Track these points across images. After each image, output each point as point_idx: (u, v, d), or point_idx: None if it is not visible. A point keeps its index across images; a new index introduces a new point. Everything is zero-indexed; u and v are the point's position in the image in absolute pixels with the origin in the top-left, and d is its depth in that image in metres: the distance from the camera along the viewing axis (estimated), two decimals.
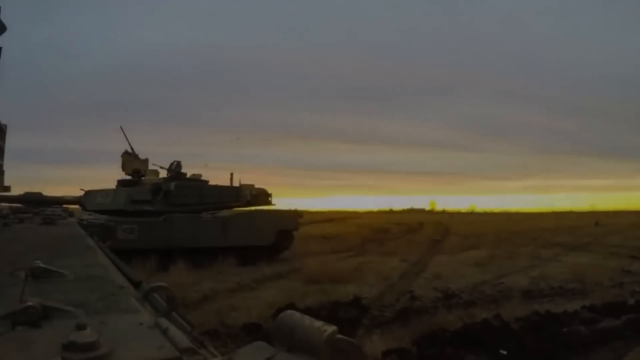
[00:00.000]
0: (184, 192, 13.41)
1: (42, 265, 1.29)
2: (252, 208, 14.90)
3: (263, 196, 15.81)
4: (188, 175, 14.51)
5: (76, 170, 77.17)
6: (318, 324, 0.73)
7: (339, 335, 0.72)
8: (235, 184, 15.32)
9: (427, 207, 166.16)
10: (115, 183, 14.02)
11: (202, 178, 14.77)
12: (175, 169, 14.16)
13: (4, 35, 3.57)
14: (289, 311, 0.80)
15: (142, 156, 14.90)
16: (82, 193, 12.79)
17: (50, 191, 13.24)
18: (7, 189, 4.51)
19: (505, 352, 4.95)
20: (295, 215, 15.25)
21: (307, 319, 0.75)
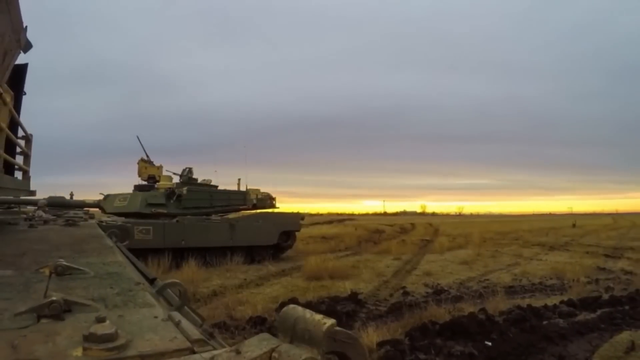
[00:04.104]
0: (195, 196, 13.41)
1: (65, 263, 1.29)
2: (258, 210, 14.89)
3: (268, 200, 15.82)
4: (199, 181, 14.52)
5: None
6: (318, 317, 0.73)
7: (338, 328, 0.72)
8: (242, 188, 15.35)
9: (419, 210, 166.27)
10: (132, 188, 14.04)
11: (212, 183, 14.79)
12: (187, 175, 14.17)
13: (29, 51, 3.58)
14: (292, 305, 0.80)
15: (156, 163, 14.95)
16: (101, 197, 12.78)
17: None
18: (33, 193, 4.50)
19: (490, 343, 4.93)
20: (297, 217, 15.24)
21: (308, 313, 0.75)
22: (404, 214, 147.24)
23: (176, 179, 14.22)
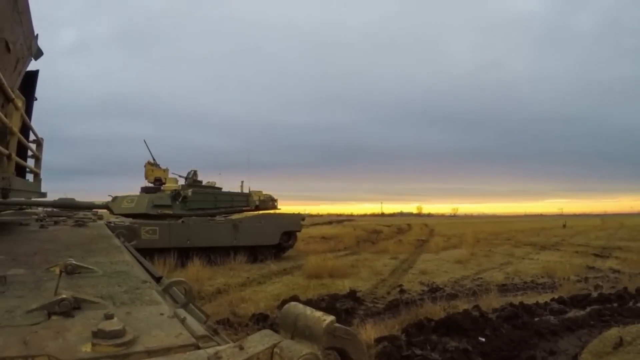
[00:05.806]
0: (200, 198, 13.41)
1: (74, 262, 1.29)
2: (260, 212, 14.88)
3: (270, 201, 15.81)
4: (204, 183, 14.51)
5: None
6: (318, 314, 0.73)
7: (337, 324, 0.72)
8: (245, 190, 15.34)
9: (415, 211, 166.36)
10: (139, 190, 14.04)
11: (216, 185, 14.78)
12: (192, 177, 14.17)
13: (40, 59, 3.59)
14: (293, 302, 0.80)
15: (162, 166, 14.93)
16: (110, 199, 12.77)
17: (82, 197, 13.21)
18: (44, 195, 4.50)
19: (483, 339, 4.92)
20: (298, 218, 15.22)
21: (308, 310, 0.75)
22: (401, 214, 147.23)
23: (181, 181, 14.23)
